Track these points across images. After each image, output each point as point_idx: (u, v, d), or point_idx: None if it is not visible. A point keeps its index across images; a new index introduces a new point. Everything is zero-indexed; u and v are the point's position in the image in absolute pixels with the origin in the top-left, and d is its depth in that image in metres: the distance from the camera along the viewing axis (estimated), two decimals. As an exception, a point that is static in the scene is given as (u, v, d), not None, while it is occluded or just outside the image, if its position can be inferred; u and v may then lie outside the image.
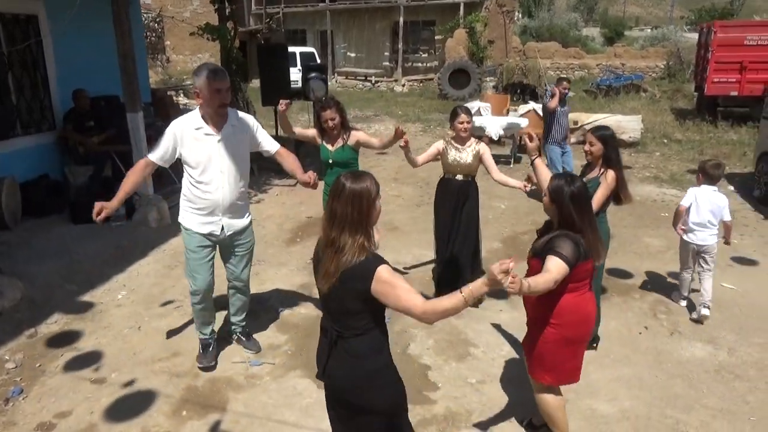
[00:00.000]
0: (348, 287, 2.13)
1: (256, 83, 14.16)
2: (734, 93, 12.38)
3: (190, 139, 3.53)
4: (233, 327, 4.25)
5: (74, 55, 7.74)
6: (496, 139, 10.11)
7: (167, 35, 27.85)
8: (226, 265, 4.01)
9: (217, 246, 3.88)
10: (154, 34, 25.12)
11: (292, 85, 9.71)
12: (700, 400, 3.65)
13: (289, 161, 3.89)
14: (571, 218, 2.79)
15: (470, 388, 3.76)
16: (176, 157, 3.61)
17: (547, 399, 3.06)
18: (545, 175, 3.32)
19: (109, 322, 4.64)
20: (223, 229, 3.75)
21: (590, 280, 2.94)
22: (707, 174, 4.70)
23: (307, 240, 6.54)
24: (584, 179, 4.06)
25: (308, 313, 4.79)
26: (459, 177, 4.78)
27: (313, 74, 9.34)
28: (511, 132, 10.11)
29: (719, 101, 13.24)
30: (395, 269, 2.17)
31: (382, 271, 2.10)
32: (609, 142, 3.93)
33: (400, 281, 2.12)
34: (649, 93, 18.27)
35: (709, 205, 4.64)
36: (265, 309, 4.83)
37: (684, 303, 4.92)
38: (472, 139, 4.76)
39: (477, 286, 2.01)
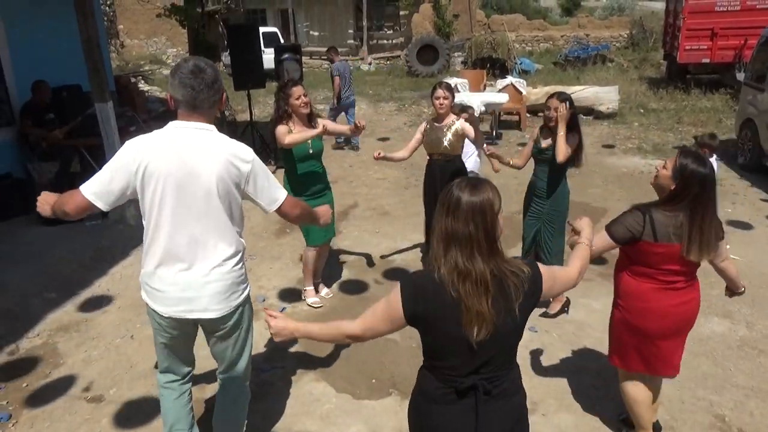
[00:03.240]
0: (526, 313, 1.82)
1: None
2: (706, 60, 12.44)
3: None
4: None
5: (30, 42, 7.17)
6: (477, 115, 9.90)
7: (119, 18, 26.66)
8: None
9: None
10: (106, 18, 23.97)
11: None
12: (730, 379, 3.57)
13: None
14: (684, 199, 2.50)
15: (495, 382, 3.59)
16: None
17: (626, 388, 2.91)
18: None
19: (98, 332, 4.30)
20: None
21: (679, 276, 2.63)
22: None
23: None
24: (544, 143, 4.11)
25: (311, 310, 4.54)
26: (440, 158, 4.55)
27: (286, 55, 8.99)
28: (492, 108, 9.93)
29: (690, 69, 13.33)
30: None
31: (540, 267, 1.89)
32: (570, 105, 3.99)
33: (548, 266, 1.99)
34: (616, 63, 18.34)
35: None
36: (265, 307, 4.56)
37: None
38: (452, 116, 4.51)
39: (587, 235, 2.22)
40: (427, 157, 4.73)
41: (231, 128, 9.23)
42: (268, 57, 9.71)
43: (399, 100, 14.41)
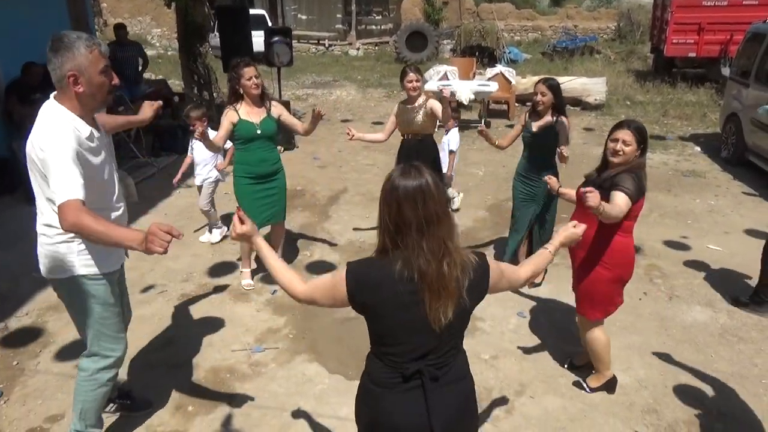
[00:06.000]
0: (474, 297, 1.81)
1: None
2: (692, 54, 12.59)
3: (90, 152, 2.40)
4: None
5: (15, 20, 7.02)
6: (466, 104, 9.93)
7: (103, -4, 26.12)
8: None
9: None
10: (89, -4, 23.46)
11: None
12: (711, 365, 3.68)
13: (112, 120, 2.99)
14: (642, 158, 3.00)
15: (485, 365, 3.67)
16: None
17: (598, 336, 3.25)
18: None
19: (88, 311, 4.29)
20: (125, 255, 2.81)
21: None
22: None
23: (288, 214, 6.25)
24: (534, 127, 4.29)
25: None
26: (412, 137, 4.73)
27: (276, 38, 8.86)
28: (482, 97, 9.96)
29: (676, 62, 13.47)
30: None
31: (489, 260, 1.89)
32: (557, 91, 4.19)
33: (496, 261, 1.95)
34: (603, 55, 18.44)
35: None
36: (256, 290, 4.59)
37: None
38: (422, 97, 4.69)
39: (557, 244, 2.17)
40: (401, 139, 4.86)
41: (220, 111, 9.14)
42: (257, 40, 9.58)
43: (388, 87, 14.38)
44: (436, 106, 4.59)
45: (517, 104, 11.21)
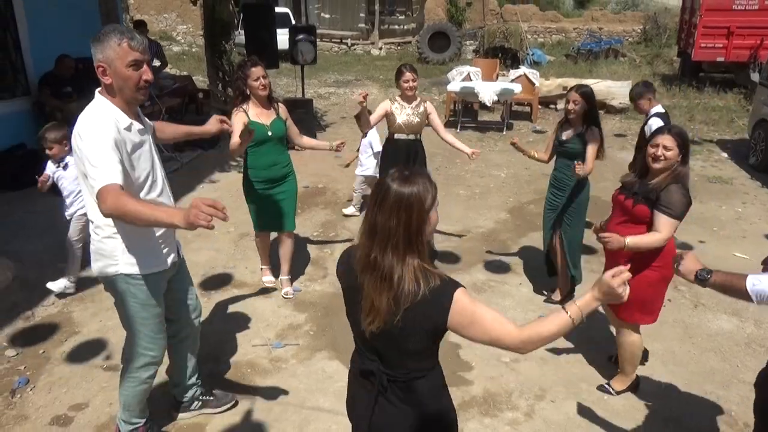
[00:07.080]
0: (415, 325, 1.62)
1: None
2: (721, 59, 12.38)
3: (129, 143, 2.41)
4: (194, 390, 3.16)
5: (48, 14, 7.17)
6: (489, 105, 9.90)
7: (130, -7, 26.49)
8: (179, 306, 2.94)
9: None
10: (117, -8, 23.79)
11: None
12: (737, 374, 3.62)
13: (173, 129, 3.05)
14: (685, 163, 2.95)
15: (505, 368, 3.65)
16: None
17: (636, 340, 3.28)
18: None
19: (112, 302, 4.34)
20: (178, 251, 2.82)
21: None
22: None
23: (308, 211, 6.31)
24: (564, 135, 4.16)
25: (323, 290, 4.59)
26: (406, 136, 4.68)
27: (301, 36, 8.94)
28: (505, 98, 9.90)
29: (704, 66, 13.26)
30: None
31: (461, 297, 1.61)
32: (591, 99, 4.01)
33: (482, 305, 1.65)
34: (628, 58, 18.23)
35: None
36: (277, 286, 4.62)
37: None
38: (418, 97, 4.69)
39: (586, 302, 1.68)
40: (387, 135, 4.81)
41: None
42: (282, 38, 9.65)
43: (410, 87, 14.35)
44: (434, 113, 4.65)
45: (540, 106, 11.13)
